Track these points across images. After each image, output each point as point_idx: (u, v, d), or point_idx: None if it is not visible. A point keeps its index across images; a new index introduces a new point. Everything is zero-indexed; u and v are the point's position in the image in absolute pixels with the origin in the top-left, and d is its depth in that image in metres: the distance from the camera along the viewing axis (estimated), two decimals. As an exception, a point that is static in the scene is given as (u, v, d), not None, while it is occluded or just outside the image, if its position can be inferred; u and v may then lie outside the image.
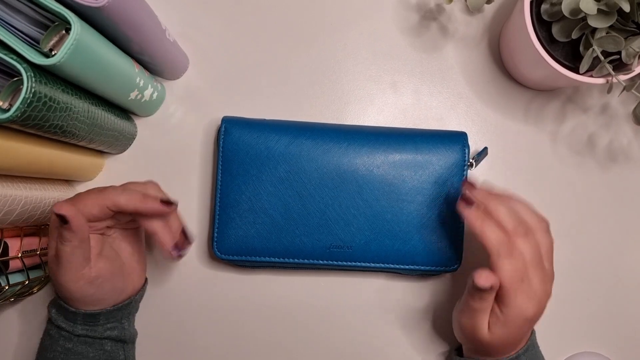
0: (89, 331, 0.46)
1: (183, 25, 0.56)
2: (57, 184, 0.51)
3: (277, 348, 0.54)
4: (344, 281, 0.54)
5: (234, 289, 0.54)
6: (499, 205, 0.44)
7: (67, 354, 0.46)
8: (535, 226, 0.44)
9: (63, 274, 0.43)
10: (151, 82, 0.52)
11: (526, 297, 0.42)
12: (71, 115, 0.42)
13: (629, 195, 0.56)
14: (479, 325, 0.44)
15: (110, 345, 0.47)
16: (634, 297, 0.55)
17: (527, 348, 0.45)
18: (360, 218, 0.50)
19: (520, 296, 0.42)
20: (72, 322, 0.46)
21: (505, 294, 0.42)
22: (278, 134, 0.51)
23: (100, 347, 0.47)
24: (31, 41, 0.37)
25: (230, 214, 0.50)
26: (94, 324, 0.46)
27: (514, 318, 0.42)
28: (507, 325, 0.43)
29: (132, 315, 0.50)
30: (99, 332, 0.46)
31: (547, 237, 0.45)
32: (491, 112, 0.56)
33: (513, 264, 0.42)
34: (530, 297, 0.42)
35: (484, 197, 0.45)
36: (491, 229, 0.43)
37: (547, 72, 0.48)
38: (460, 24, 0.57)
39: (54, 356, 0.46)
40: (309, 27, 0.57)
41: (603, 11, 0.43)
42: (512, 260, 0.42)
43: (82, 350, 0.46)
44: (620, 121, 0.56)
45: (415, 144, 0.51)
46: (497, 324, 0.43)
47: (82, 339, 0.46)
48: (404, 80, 0.56)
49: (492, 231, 0.43)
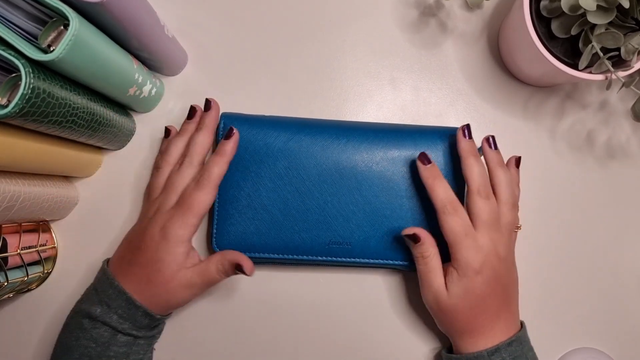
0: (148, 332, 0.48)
1: (181, 21, 0.56)
2: (56, 180, 0.51)
3: (276, 345, 0.54)
4: (343, 277, 0.54)
5: (233, 285, 0.54)
6: (475, 164, 0.47)
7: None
8: (502, 197, 0.47)
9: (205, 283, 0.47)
10: (150, 78, 0.52)
11: (472, 250, 0.45)
12: (70, 111, 0.42)
13: (627, 191, 0.56)
14: (436, 288, 0.46)
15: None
16: (631, 293, 0.55)
17: (509, 342, 0.46)
18: (359, 214, 0.50)
19: (466, 249, 0.45)
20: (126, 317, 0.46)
21: (452, 248, 0.45)
22: (277, 130, 0.51)
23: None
24: (29, 37, 0.37)
25: (229, 210, 0.50)
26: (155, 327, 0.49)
27: (464, 271, 0.45)
28: (461, 280, 0.45)
29: None
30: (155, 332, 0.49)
31: (511, 212, 0.47)
32: (490, 108, 0.56)
33: (456, 220, 0.45)
34: (476, 250, 0.45)
35: (470, 150, 0.48)
36: (442, 188, 0.46)
37: (546, 68, 0.48)
38: (460, 21, 0.57)
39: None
40: (308, 23, 0.57)
41: (602, 7, 0.43)
42: (456, 217, 0.45)
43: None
44: (619, 117, 0.56)
45: (414, 140, 0.51)
46: (452, 282, 0.45)
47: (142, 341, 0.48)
48: (403, 76, 0.56)
49: (441, 189, 0.46)
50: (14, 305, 0.54)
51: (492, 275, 0.45)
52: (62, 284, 0.54)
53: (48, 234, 0.53)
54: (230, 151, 0.48)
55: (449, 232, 0.45)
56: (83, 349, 0.45)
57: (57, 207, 0.51)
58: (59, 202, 0.50)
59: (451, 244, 0.45)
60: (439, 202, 0.46)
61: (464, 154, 0.48)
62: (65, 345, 0.46)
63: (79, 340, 0.45)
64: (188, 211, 0.45)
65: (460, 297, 0.45)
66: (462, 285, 0.45)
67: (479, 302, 0.46)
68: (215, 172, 0.46)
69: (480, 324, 0.46)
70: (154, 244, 0.45)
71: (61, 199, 0.51)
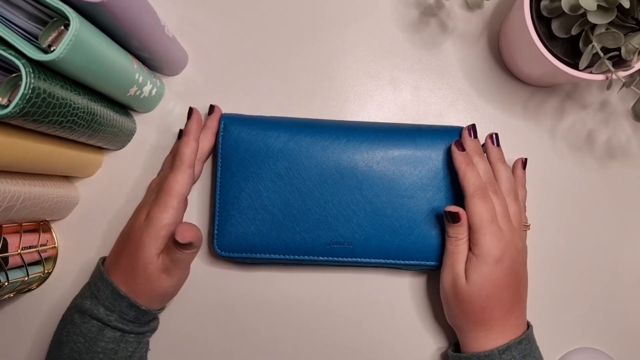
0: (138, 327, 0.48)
1: (182, 21, 0.56)
2: (57, 180, 0.51)
3: (278, 345, 0.54)
4: (344, 277, 0.54)
5: (234, 285, 0.54)
6: (480, 161, 0.49)
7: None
8: (504, 189, 0.49)
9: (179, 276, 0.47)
10: (150, 78, 0.52)
11: (495, 237, 0.46)
12: (70, 111, 0.42)
13: (627, 191, 0.56)
14: (457, 272, 0.47)
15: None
16: (631, 293, 0.55)
17: (519, 341, 0.46)
18: (360, 214, 0.50)
19: (489, 235, 0.46)
20: (112, 309, 0.46)
21: (476, 234, 0.46)
22: (277, 130, 0.51)
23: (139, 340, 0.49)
24: (30, 37, 0.37)
25: (230, 211, 0.50)
26: (127, 319, 0.48)
27: (485, 257, 0.45)
28: (480, 268, 0.46)
29: None
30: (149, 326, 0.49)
31: (515, 203, 0.49)
32: (490, 108, 0.56)
33: (484, 206, 0.46)
34: (498, 238, 0.46)
35: (475, 149, 0.50)
36: (474, 174, 0.48)
37: (547, 68, 0.48)
38: (460, 20, 0.57)
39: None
40: (308, 23, 0.57)
41: (603, 7, 0.43)
42: (484, 202, 0.46)
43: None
44: (619, 117, 0.56)
45: (415, 139, 0.51)
46: (471, 270, 0.46)
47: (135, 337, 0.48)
48: (404, 76, 0.56)
49: (473, 175, 0.48)
50: (14, 305, 0.54)
51: (510, 266, 0.46)
52: (62, 284, 0.54)
53: (48, 234, 0.53)
54: (195, 129, 0.49)
55: (476, 216, 0.46)
56: (72, 344, 0.45)
57: (58, 207, 0.51)
58: (60, 202, 0.50)
59: (476, 228, 0.46)
60: (471, 186, 0.47)
61: (470, 152, 0.49)
62: (58, 340, 0.47)
63: (69, 335, 0.46)
64: (166, 194, 0.46)
65: (478, 285, 0.46)
66: (481, 272, 0.46)
67: (495, 292, 0.46)
68: (185, 151, 0.48)
69: (493, 316, 0.46)
70: (139, 232, 0.46)
71: (62, 199, 0.51)
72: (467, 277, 0.46)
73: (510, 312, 0.47)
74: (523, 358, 0.45)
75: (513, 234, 0.47)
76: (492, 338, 0.46)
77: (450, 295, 0.48)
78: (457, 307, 0.48)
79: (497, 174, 0.49)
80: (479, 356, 0.46)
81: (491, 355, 0.45)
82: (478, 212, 0.46)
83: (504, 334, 0.46)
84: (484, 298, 0.46)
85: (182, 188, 0.47)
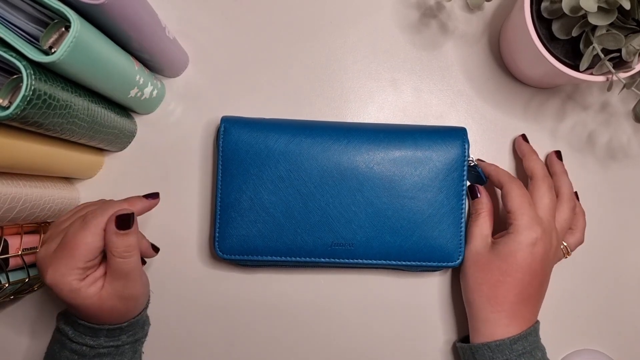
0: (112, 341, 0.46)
1: (183, 22, 0.56)
2: (58, 181, 0.51)
3: (279, 346, 0.54)
4: (346, 278, 0.54)
5: (236, 287, 0.54)
6: (539, 160, 0.52)
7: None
8: (564, 197, 0.50)
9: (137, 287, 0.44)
10: (151, 80, 0.52)
11: (534, 221, 0.46)
12: (71, 113, 0.42)
13: (629, 192, 0.56)
14: (483, 228, 0.49)
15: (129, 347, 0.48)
16: (633, 295, 0.55)
17: (529, 332, 0.46)
18: (361, 215, 0.50)
19: (527, 217, 0.46)
20: (95, 337, 0.44)
21: (513, 214, 0.47)
22: (277, 132, 0.51)
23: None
24: (31, 39, 0.37)
25: (231, 214, 0.50)
26: (117, 337, 0.46)
27: (516, 235, 0.46)
28: (509, 243, 0.46)
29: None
30: (121, 340, 0.46)
31: (569, 210, 0.50)
32: (491, 109, 0.56)
33: (547, 194, 0.48)
34: (538, 223, 0.46)
35: (532, 150, 0.53)
36: (541, 164, 0.51)
37: (547, 69, 0.48)
38: (460, 22, 0.57)
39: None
40: (309, 25, 0.57)
41: (603, 9, 0.43)
42: (547, 191, 0.48)
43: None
44: (620, 119, 0.56)
45: (415, 140, 0.51)
46: (500, 242, 0.47)
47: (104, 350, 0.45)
48: (404, 77, 0.56)
49: (541, 165, 0.51)
50: (15, 307, 0.54)
51: (541, 255, 0.46)
52: (63, 286, 0.54)
53: (49, 236, 0.53)
54: (140, 208, 0.46)
55: (517, 198, 0.47)
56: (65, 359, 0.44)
57: (58, 209, 0.51)
58: (60, 203, 0.50)
59: (516, 208, 0.47)
60: (540, 171, 0.50)
61: (528, 150, 0.53)
62: (51, 355, 0.46)
63: (62, 351, 0.45)
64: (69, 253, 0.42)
65: (500, 256, 0.47)
66: (508, 247, 0.46)
67: (517, 272, 0.46)
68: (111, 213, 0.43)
69: (507, 297, 0.46)
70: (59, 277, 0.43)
71: (62, 201, 0.51)
72: (493, 247, 0.48)
73: (525, 302, 0.46)
74: (532, 350, 0.45)
75: (552, 229, 0.48)
76: (502, 324, 0.46)
77: (471, 260, 0.49)
78: (473, 276, 0.48)
79: (559, 182, 0.51)
80: (489, 346, 0.45)
81: (502, 344, 0.45)
82: (540, 195, 0.48)
83: (514, 323, 0.46)
84: (503, 271, 0.46)
85: (89, 251, 0.41)
